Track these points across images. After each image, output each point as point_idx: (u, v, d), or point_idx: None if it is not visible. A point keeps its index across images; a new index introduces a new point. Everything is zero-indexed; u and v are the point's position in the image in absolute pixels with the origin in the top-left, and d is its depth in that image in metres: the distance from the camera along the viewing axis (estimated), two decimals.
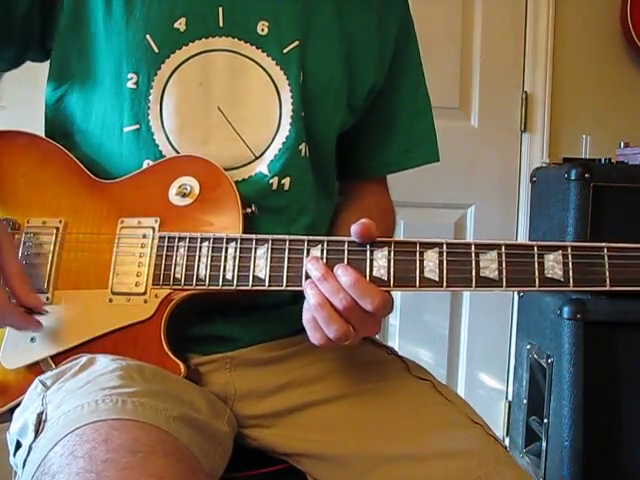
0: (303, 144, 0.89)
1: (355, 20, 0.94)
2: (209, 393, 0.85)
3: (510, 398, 2.19)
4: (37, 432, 0.69)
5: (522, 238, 2.20)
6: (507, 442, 2.15)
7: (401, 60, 1.00)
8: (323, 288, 0.73)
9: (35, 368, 0.80)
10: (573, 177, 1.69)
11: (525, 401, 1.95)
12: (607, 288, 0.73)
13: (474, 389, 2.25)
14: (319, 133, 0.91)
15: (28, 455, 0.68)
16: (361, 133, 1.00)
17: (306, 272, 0.75)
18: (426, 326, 2.21)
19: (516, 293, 2.06)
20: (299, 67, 0.88)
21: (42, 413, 0.71)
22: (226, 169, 0.85)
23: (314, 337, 0.74)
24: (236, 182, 0.85)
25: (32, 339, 0.80)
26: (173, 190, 0.84)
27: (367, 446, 0.82)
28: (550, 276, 0.73)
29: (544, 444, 1.80)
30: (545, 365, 1.80)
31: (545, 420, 1.80)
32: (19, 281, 0.77)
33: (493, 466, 0.78)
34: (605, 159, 1.83)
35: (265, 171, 0.87)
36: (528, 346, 1.93)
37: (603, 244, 0.74)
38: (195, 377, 0.83)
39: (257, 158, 0.87)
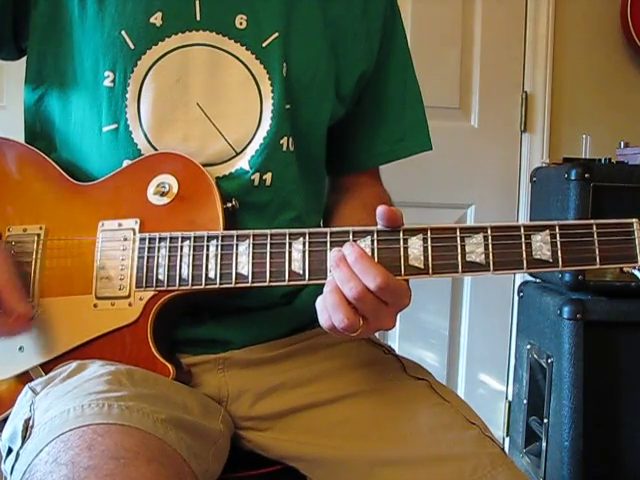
0: (285, 138, 0.88)
1: (339, 7, 0.93)
2: (202, 394, 0.84)
3: (510, 398, 2.19)
4: (24, 438, 0.69)
5: None
6: (507, 442, 2.15)
7: (388, 51, 0.99)
8: (335, 275, 0.71)
9: (25, 377, 0.80)
10: (573, 177, 1.69)
11: (525, 401, 1.95)
12: (597, 266, 0.71)
13: (474, 389, 2.25)
14: (307, 125, 0.91)
15: (16, 461, 0.69)
16: (351, 126, 1.00)
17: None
18: (426, 326, 2.21)
19: (516, 293, 2.06)
20: (280, 60, 0.87)
21: (30, 419, 0.71)
22: (207, 165, 0.84)
23: (322, 318, 0.73)
24: (217, 178, 0.84)
25: (20, 348, 0.80)
26: (151, 189, 0.83)
27: (363, 450, 0.82)
28: (538, 257, 0.72)
29: (544, 444, 1.80)
30: (545, 365, 1.80)
31: (545, 420, 1.80)
32: (8, 289, 0.76)
33: (489, 469, 0.77)
34: (605, 159, 1.83)
35: (246, 167, 0.86)
36: (528, 346, 1.93)
37: (591, 221, 0.72)
38: (186, 378, 0.83)
39: (238, 154, 0.86)
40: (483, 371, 2.25)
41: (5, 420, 0.78)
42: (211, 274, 0.77)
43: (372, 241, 0.74)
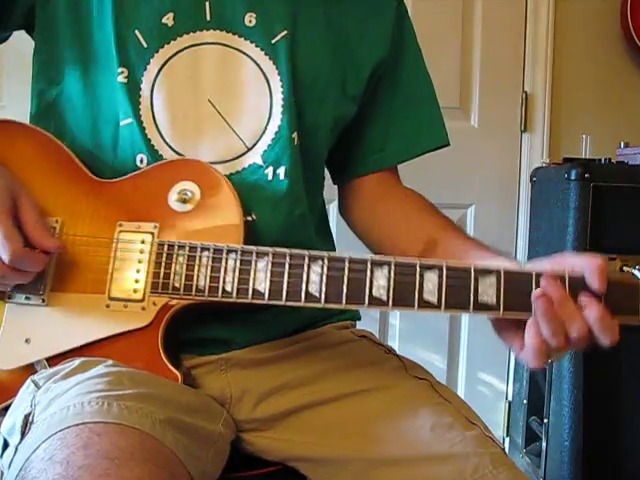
0: (295, 133, 0.88)
1: (344, 7, 0.94)
2: (205, 396, 0.85)
3: (510, 398, 2.19)
4: (23, 433, 0.69)
5: (522, 238, 2.20)
6: (507, 442, 2.15)
7: (397, 48, 0.99)
8: (561, 310, 0.70)
9: (30, 368, 0.80)
10: (573, 177, 1.69)
11: (525, 401, 1.95)
12: None
13: (474, 389, 2.25)
14: (310, 122, 0.91)
15: (14, 456, 0.69)
16: (365, 126, 1.00)
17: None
18: (426, 326, 2.21)
19: None
20: (288, 56, 0.88)
21: (30, 414, 0.71)
22: (219, 162, 0.85)
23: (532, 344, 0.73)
24: (230, 175, 0.84)
25: (27, 340, 0.80)
26: (174, 196, 0.82)
27: (364, 449, 0.82)
28: None
29: (544, 444, 1.80)
30: (545, 365, 1.80)
31: (545, 420, 1.80)
32: (36, 227, 0.77)
33: (490, 469, 0.77)
34: (605, 159, 1.83)
35: (259, 162, 0.87)
36: None
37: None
38: (191, 383, 0.83)
39: (249, 149, 0.87)
40: (483, 371, 2.25)
41: (6, 409, 0.78)
42: (228, 287, 0.77)
43: (389, 271, 0.75)
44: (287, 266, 0.77)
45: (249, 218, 0.82)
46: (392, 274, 0.75)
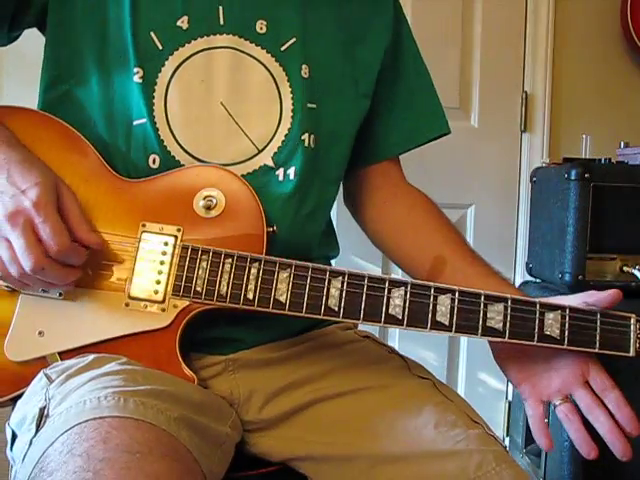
0: (306, 135, 0.90)
1: (352, 11, 0.96)
2: (216, 396, 0.85)
3: (510, 398, 2.19)
4: (38, 427, 0.69)
5: (522, 238, 2.20)
6: (507, 442, 2.15)
7: (397, 42, 1.02)
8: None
9: (41, 361, 0.80)
10: (573, 177, 1.69)
11: None
12: (596, 350, 0.80)
13: (474, 389, 2.25)
14: (330, 123, 0.93)
15: (28, 450, 0.69)
16: (369, 118, 1.01)
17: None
18: None
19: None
20: (298, 62, 0.90)
21: (44, 408, 0.71)
22: (230, 164, 0.86)
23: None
24: (242, 176, 0.85)
25: (40, 332, 0.80)
26: (200, 201, 0.83)
27: (367, 446, 0.82)
28: (548, 333, 0.79)
29: None
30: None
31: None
32: (81, 222, 0.78)
33: (493, 466, 0.78)
34: (605, 159, 1.83)
35: (270, 163, 0.88)
36: None
37: (595, 308, 0.79)
38: (199, 384, 0.83)
39: (260, 151, 0.88)
40: (483, 371, 2.25)
41: (14, 399, 0.79)
42: (250, 295, 0.79)
43: (405, 292, 0.78)
44: (309, 279, 0.79)
45: (270, 229, 0.83)
46: (408, 295, 0.78)
